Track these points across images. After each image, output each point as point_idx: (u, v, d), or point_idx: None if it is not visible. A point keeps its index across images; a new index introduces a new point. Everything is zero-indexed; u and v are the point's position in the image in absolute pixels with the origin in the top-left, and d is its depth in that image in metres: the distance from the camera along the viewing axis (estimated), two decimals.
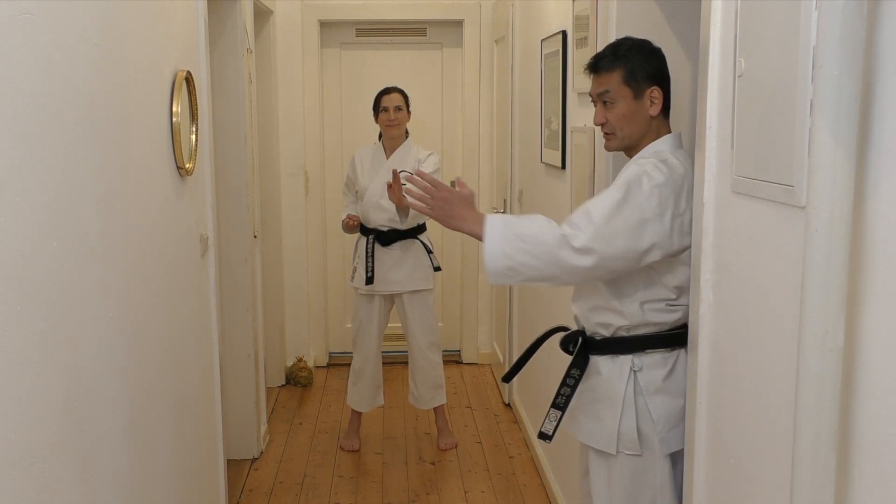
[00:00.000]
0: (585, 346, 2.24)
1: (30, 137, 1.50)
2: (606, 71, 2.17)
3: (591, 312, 2.23)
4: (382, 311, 4.33)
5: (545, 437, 2.28)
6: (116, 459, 1.96)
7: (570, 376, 2.24)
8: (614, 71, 2.16)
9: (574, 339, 2.27)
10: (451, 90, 5.69)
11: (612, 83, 2.16)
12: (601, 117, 2.20)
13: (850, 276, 1.19)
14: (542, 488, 3.87)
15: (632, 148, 2.21)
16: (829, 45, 1.16)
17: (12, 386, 1.41)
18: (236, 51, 4.02)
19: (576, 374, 2.23)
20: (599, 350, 2.22)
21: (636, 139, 2.19)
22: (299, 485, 3.95)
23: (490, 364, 5.72)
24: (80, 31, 1.78)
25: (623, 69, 2.15)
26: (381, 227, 4.17)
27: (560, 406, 2.24)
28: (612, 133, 2.20)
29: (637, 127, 2.17)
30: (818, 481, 1.22)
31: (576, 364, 2.24)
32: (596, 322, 2.22)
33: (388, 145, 4.26)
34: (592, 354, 2.24)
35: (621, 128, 2.18)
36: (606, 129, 2.21)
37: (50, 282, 1.58)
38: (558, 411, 2.24)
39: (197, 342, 2.84)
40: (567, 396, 2.23)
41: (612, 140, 2.22)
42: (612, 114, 2.18)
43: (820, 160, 1.18)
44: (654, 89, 2.16)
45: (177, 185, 2.58)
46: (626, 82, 2.15)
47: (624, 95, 2.16)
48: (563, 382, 2.24)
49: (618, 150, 2.26)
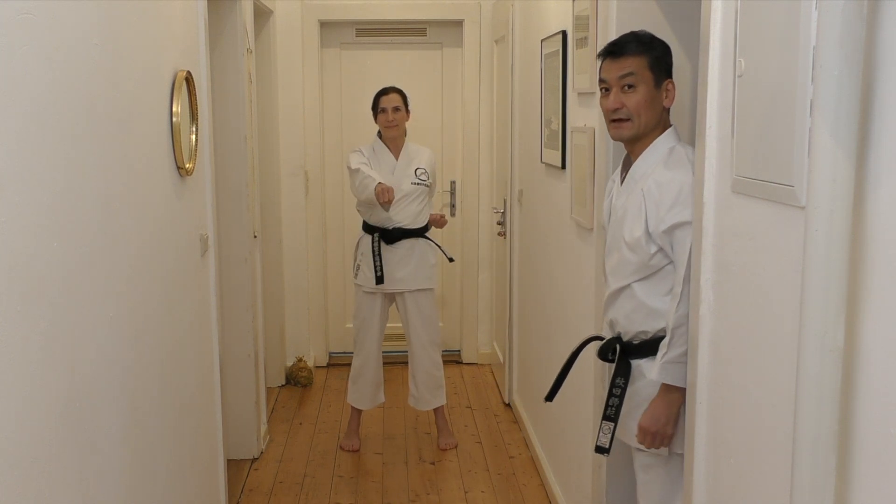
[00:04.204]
0: (624, 352, 2.23)
1: (30, 137, 1.50)
2: (633, 54, 2.15)
3: (632, 316, 2.21)
4: (384, 310, 4.34)
5: (603, 450, 2.25)
6: (116, 459, 1.96)
7: (616, 385, 2.21)
8: (641, 55, 2.15)
9: (612, 346, 2.25)
10: (451, 90, 5.69)
11: (637, 66, 2.15)
12: (617, 102, 2.17)
13: (850, 276, 1.18)
14: (542, 488, 3.87)
15: (637, 140, 2.20)
16: (829, 45, 1.16)
17: (12, 386, 1.41)
18: (236, 51, 4.02)
19: (621, 382, 2.21)
20: (641, 353, 2.21)
21: (649, 128, 2.18)
22: (299, 485, 3.95)
23: (490, 364, 5.72)
24: (80, 31, 1.78)
25: (649, 55, 2.15)
26: (387, 224, 4.17)
27: (611, 417, 2.21)
28: (628, 119, 2.17)
29: (652, 116, 2.17)
30: (818, 481, 1.22)
31: (619, 372, 2.22)
32: (637, 325, 2.20)
33: (391, 145, 4.26)
34: (633, 359, 2.22)
35: (639, 114, 2.16)
36: (621, 115, 2.18)
37: (50, 282, 1.58)
38: (610, 423, 2.21)
39: (197, 342, 2.84)
40: (617, 406, 2.21)
41: (624, 127, 2.18)
42: (632, 99, 2.15)
43: (820, 160, 1.18)
44: (670, 82, 2.18)
45: (177, 185, 2.58)
46: (651, 68, 2.15)
47: (647, 81, 2.15)
48: (610, 393, 2.22)
49: (627, 139, 2.22)
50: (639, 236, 2.14)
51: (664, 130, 2.20)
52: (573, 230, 3.22)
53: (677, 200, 2.07)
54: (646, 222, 2.13)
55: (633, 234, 2.16)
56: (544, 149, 3.73)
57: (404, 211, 4.17)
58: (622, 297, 2.23)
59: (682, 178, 2.07)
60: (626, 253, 2.19)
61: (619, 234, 2.23)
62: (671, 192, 2.09)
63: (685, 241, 2.04)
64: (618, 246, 2.24)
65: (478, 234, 5.70)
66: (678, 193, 2.07)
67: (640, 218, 2.15)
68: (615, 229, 2.27)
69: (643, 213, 2.14)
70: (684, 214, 2.04)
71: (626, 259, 2.20)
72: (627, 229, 2.18)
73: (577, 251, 3.18)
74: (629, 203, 2.20)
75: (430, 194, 4.31)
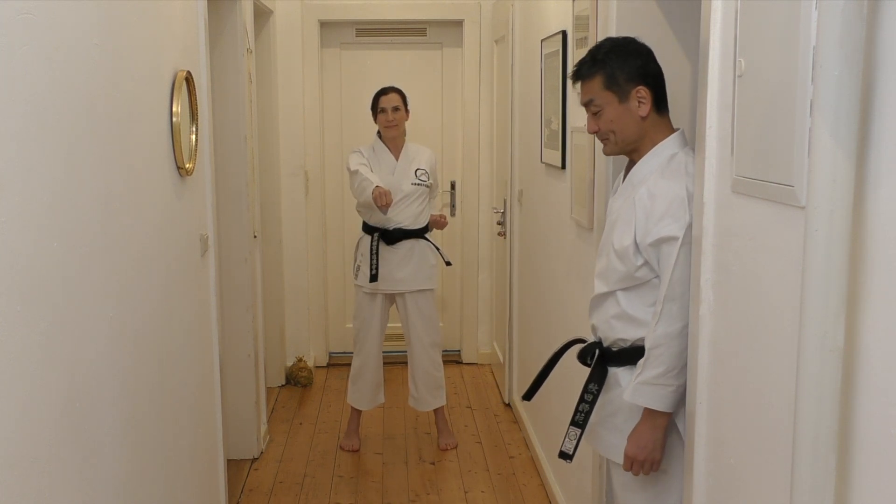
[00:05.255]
0: (603, 358, 2.18)
1: (30, 137, 1.50)
2: (587, 79, 2.12)
3: (612, 322, 2.16)
4: (384, 310, 4.34)
5: (566, 456, 2.19)
6: (116, 459, 1.96)
7: (589, 391, 2.15)
8: (594, 78, 2.11)
9: (591, 351, 2.20)
10: (451, 90, 5.69)
11: (594, 90, 2.11)
12: (593, 126, 2.15)
13: (850, 276, 1.18)
14: (542, 488, 3.87)
15: (633, 151, 2.16)
16: (829, 45, 1.16)
17: (12, 386, 1.41)
18: (236, 51, 4.02)
19: (594, 388, 2.15)
20: (618, 361, 2.16)
21: (632, 142, 2.13)
22: (299, 485, 3.95)
23: (490, 364, 5.72)
24: (80, 31, 1.78)
25: (602, 74, 2.10)
26: (388, 225, 4.17)
27: (579, 423, 2.15)
28: (607, 139, 2.15)
29: (630, 130, 2.11)
30: (818, 481, 1.22)
31: (593, 378, 2.16)
32: (616, 332, 2.15)
33: (391, 145, 4.26)
34: (611, 366, 2.17)
35: (613, 133, 2.12)
36: (601, 136, 2.17)
37: (50, 282, 1.58)
38: (577, 429, 2.16)
39: (197, 342, 2.84)
40: (586, 413, 2.15)
41: (608, 145, 2.17)
42: (602, 121, 2.12)
43: (820, 160, 1.18)
44: (640, 89, 2.09)
45: (177, 185, 2.58)
46: (608, 87, 2.09)
47: (608, 101, 2.10)
48: (581, 399, 2.16)
49: (617, 154, 2.21)
50: (627, 245, 2.07)
51: (669, 134, 2.13)
52: (573, 230, 3.22)
53: (667, 212, 2.00)
54: (634, 232, 2.06)
55: (623, 242, 2.09)
56: (544, 149, 3.73)
57: (404, 212, 4.17)
58: (606, 302, 2.18)
59: (676, 189, 2.00)
60: (614, 260, 2.12)
61: (609, 239, 2.16)
62: (662, 203, 2.01)
63: (671, 257, 1.98)
64: (607, 251, 2.18)
65: (478, 234, 5.70)
66: (669, 205, 2.00)
67: (629, 226, 2.08)
68: (607, 233, 2.21)
69: (633, 222, 2.07)
70: (672, 228, 1.98)
71: (612, 266, 2.13)
72: (617, 236, 2.12)
73: (577, 251, 3.18)
74: (622, 208, 2.13)
75: (431, 195, 4.31)
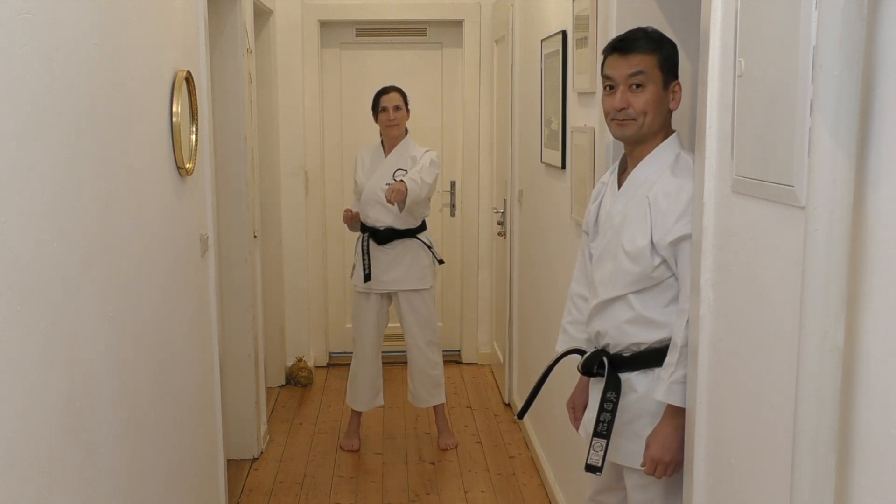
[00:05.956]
0: (612, 365, 2.13)
1: (30, 137, 1.50)
2: (643, 52, 2.06)
3: (624, 327, 2.11)
4: (380, 310, 4.33)
5: (594, 469, 2.12)
6: (116, 459, 1.96)
7: (608, 400, 2.09)
8: (652, 53, 2.06)
9: (598, 359, 2.15)
10: (451, 90, 5.69)
11: (647, 65, 2.05)
12: (624, 101, 2.06)
13: (850, 276, 1.18)
14: (542, 488, 3.87)
15: (639, 143, 2.11)
16: (829, 45, 1.16)
17: (12, 386, 1.41)
18: (236, 51, 4.02)
19: (612, 396, 2.09)
20: (631, 366, 2.11)
21: (655, 131, 2.09)
22: (299, 485, 3.95)
23: (490, 364, 5.72)
24: (80, 31, 1.78)
25: (660, 54, 2.06)
26: (377, 224, 4.17)
27: (603, 434, 2.09)
28: (633, 119, 2.07)
29: (659, 117, 2.08)
30: (818, 481, 1.22)
31: (610, 386, 2.11)
32: (630, 337, 2.10)
33: (388, 144, 4.27)
34: (622, 372, 2.12)
35: (645, 115, 2.06)
36: (627, 115, 2.08)
37: (50, 282, 1.58)
38: (602, 440, 2.09)
39: (197, 342, 2.84)
40: (608, 423, 2.09)
41: (629, 127, 2.08)
42: (640, 99, 2.06)
43: (820, 160, 1.18)
44: (678, 83, 2.10)
45: (177, 185, 2.58)
46: (661, 68, 2.06)
47: (656, 81, 2.06)
48: (601, 408, 2.11)
49: (630, 138, 2.11)
50: (643, 246, 2.03)
51: (667, 136, 2.11)
52: (573, 230, 3.21)
53: (686, 211, 1.98)
54: (651, 232, 2.03)
55: (636, 244, 2.05)
56: (544, 149, 3.73)
57: (388, 213, 4.14)
58: (614, 307, 2.12)
59: (690, 188, 1.98)
60: (625, 263, 2.08)
61: (617, 243, 2.11)
62: (680, 202, 1.99)
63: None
64: (613, 255, 2.12)
65: (478, 234, 5.70)
66: (687, 204, 1.98)
67: (643, 227, 2.04)
68: (612, 237, 2.15)
69: (648, 222, 2.04)
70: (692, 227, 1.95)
71: (623, 269, 2.09)
72: (628, 238, 2.07)
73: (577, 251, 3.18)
74: (630, 210, 2.09)
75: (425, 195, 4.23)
